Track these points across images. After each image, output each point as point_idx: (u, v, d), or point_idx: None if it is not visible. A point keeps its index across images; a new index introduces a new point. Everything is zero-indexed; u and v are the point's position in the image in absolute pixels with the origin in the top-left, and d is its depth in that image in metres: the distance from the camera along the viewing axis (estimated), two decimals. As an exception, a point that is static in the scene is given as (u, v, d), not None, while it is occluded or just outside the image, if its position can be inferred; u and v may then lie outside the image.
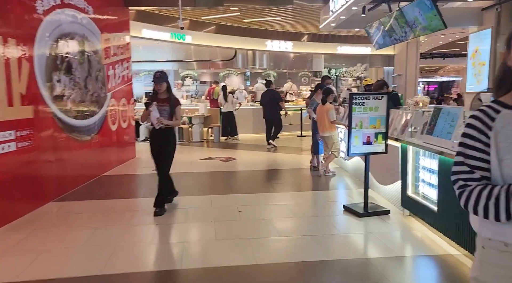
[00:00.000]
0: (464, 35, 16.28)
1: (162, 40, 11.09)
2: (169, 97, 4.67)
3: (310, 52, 15.33)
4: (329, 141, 6.72)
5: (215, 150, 10.16)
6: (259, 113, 13.20)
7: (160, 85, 4.56)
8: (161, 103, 4.57)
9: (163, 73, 4.62)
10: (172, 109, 4.62)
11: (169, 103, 4.60)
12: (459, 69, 31.78)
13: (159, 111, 4.52)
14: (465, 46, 20.95)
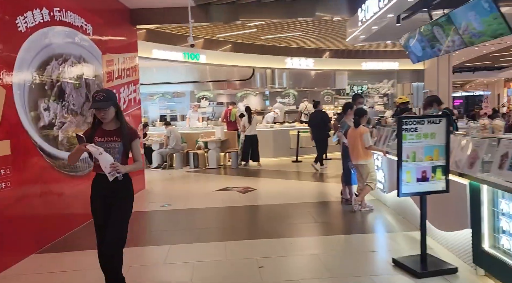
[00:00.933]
0: (501, 46, 15.09)
1: (174, 61, 10.40)
2: (120, 127, 3.09)
3: (332, 69, 14.41)
4: (364, 171, 5.70)
5: (232, 178, 9.24)
6: (280, 135, 12.33)
7: (105, 111, 2.99)
8: (107, 138, 3.04)
9: (107, 93, 3.04)
10: (127, 146, 3.10)
11: (121, 137, 3.06)
12: (488, 83, 30.20)
13: (105, 150, 2.95)
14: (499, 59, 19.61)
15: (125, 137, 3.08)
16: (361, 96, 6.63)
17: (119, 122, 3.12)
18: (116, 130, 3.10)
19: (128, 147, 3.12)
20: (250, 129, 10.70)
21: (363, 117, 5.81)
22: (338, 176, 8.61)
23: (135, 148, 3.17)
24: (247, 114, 10.73)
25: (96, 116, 3.09)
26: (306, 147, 12.53)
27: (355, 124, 5.72)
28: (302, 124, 13.30)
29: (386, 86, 15.52)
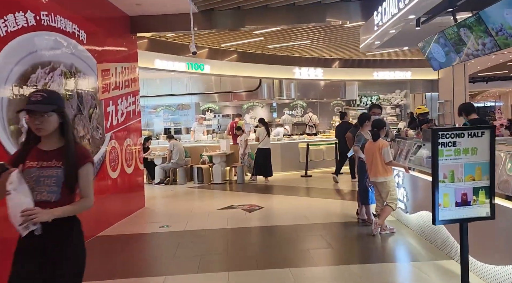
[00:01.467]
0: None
1: (177, 71, 9.96)
2: (64, 147, 2.17)
3: (342, 79, 13.90)
4: (383, 189, 5.11)
5: (238, 195, 8.67)
6: (288, 149, 11.78)
7: (42, 118, 2.09)
8: (43, 162, 2.12)
9: (50, 94, 2.18)
10: (71, 175, 2.15)
11: (64, 162, 2.14)
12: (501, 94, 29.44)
13: (37, 180, 2.08)
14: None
15: (69, 162, 2.13)
16: (379, 106, 6.08)
17: (64, 139, 2.18)
18: (57, 150, 2.16)
19: (73, 176, 2.15)
20: (266, 142, 10.18)
21: (382, 129, 5.25)
22: (351, 193, 8.08)
23: (83, 179, 2.18)
24: (264, 125, 10.24)
25: (30, 129, 2.16)
26: (315, 161, 11.97)
27: (374, 137, 5.16)
28: (311, 137, 12.77)
29: (399, 97, 14.93)
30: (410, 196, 5.16)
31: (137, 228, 6.02)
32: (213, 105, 13.15)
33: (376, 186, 5.20)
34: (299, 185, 9.68)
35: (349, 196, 8.03)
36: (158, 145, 11.92)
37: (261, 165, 10.20)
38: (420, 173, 4.91)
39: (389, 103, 14.60)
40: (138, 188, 7.38)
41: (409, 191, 5.19)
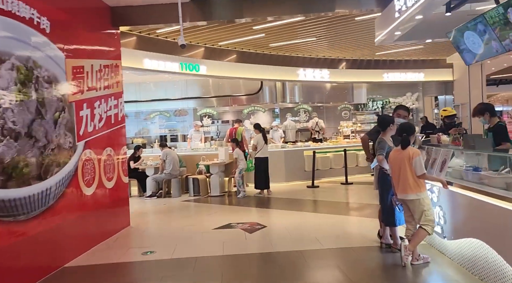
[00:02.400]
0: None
1: (169, 72, 9.01)
2: None
3: (350, 81, 12.91)
4: (416, 208, 4.11)
5: (237, 210, 7.67)
6: (293, 157, 10.81)
7: None
8: None
9: None
10: None
11: None
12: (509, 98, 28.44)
13: None
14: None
15: None
16: (405, 107, 5.08)
17: None
18: None
19: None
20: (264, 150, 9.17)
21: (412, 134, 4.27)
22: (368, 207, 7.02)
23: None
24: (261, 132, 9.25)
25: None
26: (322, 170, 10.98)
27: (403, 144, 4.16)
28: (317, 143, 11.78)
29: (410, 100, 13.94)
30: (449, 217, 4.14)
31: (115, 255, 5.02)
32: (211, 110, 12.21)
33: (406, 204, 4.20)
34: (305, 197, 8.67)
35: (367, 211, 7.01)
36: (152, 154, 10.97)
37: (262, 175, 9.17)
38: (461, 188, 3.91)
39: (401, 107, 13.61)
40: (121, 204, 6.39)
41: (447, 211, 4.18)
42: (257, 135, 9.22)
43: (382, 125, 4.63)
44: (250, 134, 11.46)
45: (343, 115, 12.80)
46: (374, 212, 6.54)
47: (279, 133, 11.96)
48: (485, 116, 4.98)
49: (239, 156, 9.13)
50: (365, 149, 5.35)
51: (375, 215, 6.34)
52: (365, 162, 11.98)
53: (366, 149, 5.30)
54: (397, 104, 13.95)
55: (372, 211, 6.74)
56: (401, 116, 4.85)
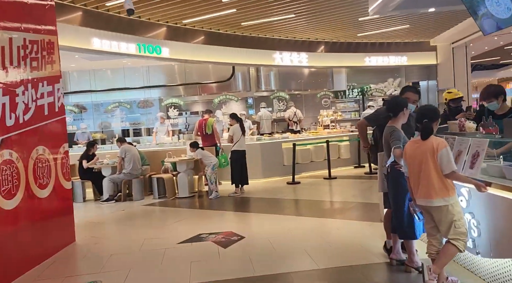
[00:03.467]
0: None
1: (125, 54, 7.67)
2: None
3: (330, 66, 11.89)
4: (443, 218, 3.11)
5: (210, 215, 6.52)
6: (270, 150, 9.74)
7: None
8: None
9: None
10: None
11: None
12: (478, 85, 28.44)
13: None
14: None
15: None
16: (414, 88, 4.05)
17: None
18: None
19: None
20: (241, 143, 8.04)
21: (436, 121, 3.25)
22: (358, 208, 6.00)
23: None
24: (238, 122, 8.12)
25: None
26: (302, 164, 9.98)
27: (424, 133, 3.14)
28: (296, 135, 10.76)
29: (392, 86, 13.12)
30: (485, 228, 3.16)
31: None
32: (177, 100, 10.92)
33: (429, 213, 3.19)
34: (287, 196, 7.62)
35: (360, 212, 6.03)
36: (111, 151, 9.62)
37: (239, 171, 8.06)
38: (502, 190, 2.94)
39: (383, 94, 12.78)
40: (61, 217, 5.11)
41: (482, 220, 3.19)
42: (234, 126, 8.09)
43: (393, 109, 3.57)
44: (222, 126, 10.29)
45: (323, 103, 11.83)
46: (370, 214, 5.57)
47: (247, 124, 10.85)
48: (499, 100, 4.14)
49: (204, 156, 7.98)
50: (362, 135, 4.33)
51: (372, 217, 5.40)
52: (348, 154, 11.16)
53: (364, 136, 4.29)
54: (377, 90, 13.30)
55: (367, 212, 5.78)
56: (410, 100, 3.82)
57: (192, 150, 8.09)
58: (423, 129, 3.15)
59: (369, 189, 7.72)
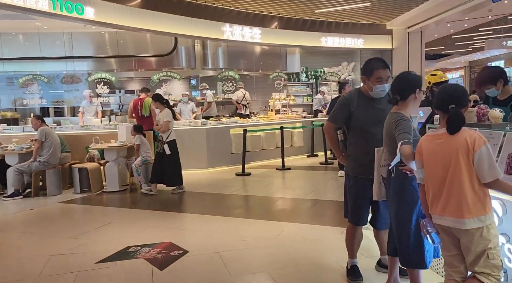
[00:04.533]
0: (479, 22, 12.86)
1: (34, 11, 5.98)
2: None
3: (284, 45, 10.84)
4: (474, 244, 2.17)
5: (142, 217, 5.25)
6: (216, 136, 8.57)
7: None
8: None
9: None
10: None
11: None
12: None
13: None
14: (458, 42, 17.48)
15: None
16: (384, 63, 3.00)
17: None
18: None
19: None
20: (171, 132, 6.62)
21: (466, 107, 2.30)
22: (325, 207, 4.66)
23: None
24: (167, 106, 6.64)
25: None
26: (252, 152, 8.96)
27: (453, 124, 2.18)
28: (246, 120, 9.68)
29: (346, 70, 12.45)
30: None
31: None
32: (108, 76, 9.27)
33: (455, 237, 2.26)
34: (236, 191, 6.55)
35: (329, 214, 5.11)
36: (22, 134, 7.89)
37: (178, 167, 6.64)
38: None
39: (338, 78, 12.05)
40: None
41: (522, 246, 2.33)
42: (165, 111, 6.54)
43: (402, 89, 2.59)
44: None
45: (275, 85, 10.84)
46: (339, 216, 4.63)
47: (190, 106, 9.56)
48: (498, 86, 3.46)
49: (143, 144, 6.68)
50: (332, 143, 3.21)
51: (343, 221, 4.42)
52: (301, 142, 10.29)
53: (335, 143, 3.19)
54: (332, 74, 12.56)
55: (336, 214, 4.87)
56: (382, 80, 2.89)
57: (134, 134, 6.71)
58: (451, 118, 2.19)
59: (331, 183, 6.89)
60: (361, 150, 2.97)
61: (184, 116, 9.39)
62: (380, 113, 2.91)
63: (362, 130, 2.96)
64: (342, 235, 4.05)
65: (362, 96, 2.98)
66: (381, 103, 2.96)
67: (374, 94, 2.92)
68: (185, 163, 8.17)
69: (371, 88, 2.90)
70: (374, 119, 2.91)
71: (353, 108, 2.96)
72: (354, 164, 3.03)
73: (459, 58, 23.86)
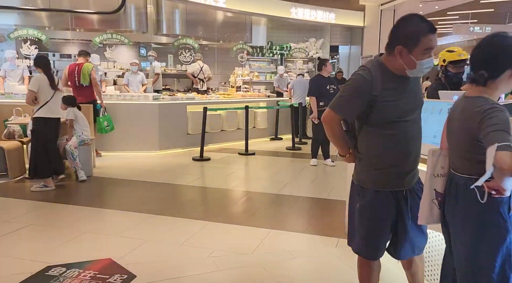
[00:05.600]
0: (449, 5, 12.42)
1: None
2: None
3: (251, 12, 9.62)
4: None
5: (74, 216, 3.99)
6: (170, 114, 7.32)
7: None
8: None
9: None
10: None
11: None
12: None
13: None
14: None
15: None
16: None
17: None
18: None
19: None
20: (52, 106, 4.85)
21: None
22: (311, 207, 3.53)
23: None
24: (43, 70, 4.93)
25: None
26: (211, 133, 7.86)
27: None
28: (204, 96, 8.51)
29: (314, 48, 11.53)
30: None
31: None
32: (37, 33, 7.55)
33: None
34: (193, 182, 5.45)
35: (315, 217, 4.16)
36: None
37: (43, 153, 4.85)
38: None
39: (306, 54, 11.11)
40: None
41: None
42: (39, 76, 4.88)
43: (495, 62, 1.63)
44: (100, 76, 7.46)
45: (239, 59, 9.66)
46: (326, 221, 3.72)
47: (139, 77, 8.17)
48: None
49: (78, 120, 5.36)
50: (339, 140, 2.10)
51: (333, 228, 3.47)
52: (265, 123, 9.23)
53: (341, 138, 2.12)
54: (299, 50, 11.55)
55: (321, 217, 3.95)
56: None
57: (64, 107, 5.32)
58: None
59: (304, 174, 6.00)
60: (386, 151, 1.99)
61: (132, 88, 8.02)
62: (413, 97, 1.97)
63: (389, 123, 1.97)
64: (337, 250, 3.16)
65: (388, 74, 1.91)
66: (412, 82, 2.00)
67: (415, 72, 1.90)
68: (133, 144, 6.99)
69: (414, 64, 1.87)
70: (407, 106, 1.95)
71: (376, 91, 1.88)
72: (375, 171, 2.00)
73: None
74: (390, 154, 1.96)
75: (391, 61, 1.91)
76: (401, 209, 2.02)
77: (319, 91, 6.12)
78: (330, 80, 6.35)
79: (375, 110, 1.90)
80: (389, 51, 1.90)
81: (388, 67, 1.92)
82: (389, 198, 1.99)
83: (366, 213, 2.04)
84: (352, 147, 2.10)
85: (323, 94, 6.11)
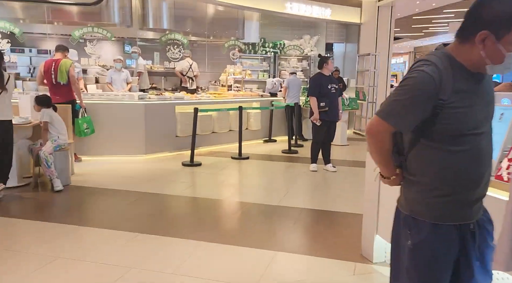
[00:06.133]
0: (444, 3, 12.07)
1: None
2: None
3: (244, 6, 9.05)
4: None
5: (45, 238, 3.41)
6: (157, 115, 6.76)
7: None
8: None
9: None
10: None
11: None
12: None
13: None
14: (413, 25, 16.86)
15: None
16: None
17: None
18: None
19: None
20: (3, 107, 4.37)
21: None
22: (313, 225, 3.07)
23: None
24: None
25: None
26: (202, 135, 7.32)
27: None
28: (194, 96, 7.95)
29: (308, 45, 11.06)
30: None
31: None
32: (11, 27, 6.88)
33: None
34: (186, 191, 4.91)
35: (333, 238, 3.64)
36: None
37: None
38: None
39: (301, 52, 10.63)
40: None
41: None
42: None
43: None
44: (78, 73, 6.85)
45: (231, 56, 9.11)
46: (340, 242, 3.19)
47: (123, 75, 7.58)
48: None
49: (53, 122, 4.78)
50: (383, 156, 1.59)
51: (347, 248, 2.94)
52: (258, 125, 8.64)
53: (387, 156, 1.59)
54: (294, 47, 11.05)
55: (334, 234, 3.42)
56: None
57: (38, 108, 4.73)
58: None
59: (305, 181, 5.51)
60: (452, 173, 1.48)
61: (116, 87, 7.43)
62: (486, 101, 1.48)
63: (458, 136, 1.46)
64: (356, 279, 2.66)
65: (460, 70, 1.41)
66: (485, 81, 1.51)
67: (499, 68, 1.39)
68: (116, 147, 6.41)
69: (502, 57, 1.36)
70: (481, 115, 1.46)
71: (445, 95, 1.37)
72: (435, 199, 1.47)
73: (406, 43, 23.70)
74: (457, 177, 1.47)
75: (465, 53, 1.40)
76: (466, 246, 1.53)
77: (320, 90, 5.64)
78: (331, 79, 5.88)
79: (441, 119, 1.40)
80: (464, 38, 1.39)
81: (460, 61, 1.42)
82: (452, 234, 1.50)
83: (421, 253, 1.53)
84: (396, 166, 1.61)
85: (324, 94, 5.66)
